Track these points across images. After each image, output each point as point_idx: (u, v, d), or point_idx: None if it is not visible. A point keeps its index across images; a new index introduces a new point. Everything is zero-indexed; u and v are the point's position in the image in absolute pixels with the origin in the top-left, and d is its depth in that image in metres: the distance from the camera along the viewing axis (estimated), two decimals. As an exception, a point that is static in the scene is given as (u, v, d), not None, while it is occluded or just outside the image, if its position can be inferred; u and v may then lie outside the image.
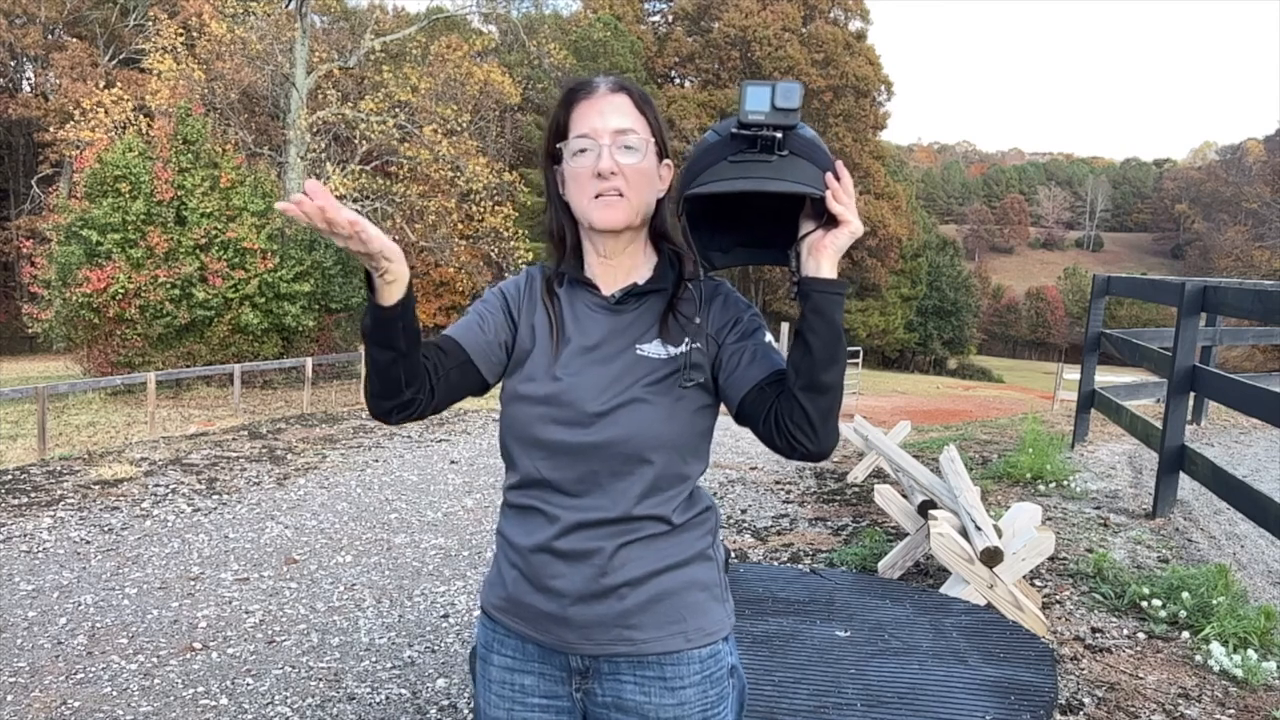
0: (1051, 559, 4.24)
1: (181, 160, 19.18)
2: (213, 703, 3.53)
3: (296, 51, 23.51)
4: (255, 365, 17.05)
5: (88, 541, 5.67)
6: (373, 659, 3.96)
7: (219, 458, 8.54)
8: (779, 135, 1.26)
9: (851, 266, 46.41)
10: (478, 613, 4.46)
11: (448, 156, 23.30)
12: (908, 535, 4.45)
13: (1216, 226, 76.63)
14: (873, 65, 46.25)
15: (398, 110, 23.69)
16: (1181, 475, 5.19)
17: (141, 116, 22.20)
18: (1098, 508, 5.36)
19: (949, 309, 53.97)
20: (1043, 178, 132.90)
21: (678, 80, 48.99)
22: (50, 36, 36.10)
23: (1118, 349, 7.01)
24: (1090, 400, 7.17)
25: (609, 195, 1.37)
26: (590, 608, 1.37)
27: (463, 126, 24.37)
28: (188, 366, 18.27)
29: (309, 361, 16.39)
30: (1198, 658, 3.31)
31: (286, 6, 25.31)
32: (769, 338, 1.42)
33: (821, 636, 2.56)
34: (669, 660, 1.39)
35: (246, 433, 10.25)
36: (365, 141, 23.64)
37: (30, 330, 21.66)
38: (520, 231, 25.45)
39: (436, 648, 4.08)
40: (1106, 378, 9.99)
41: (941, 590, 3.43)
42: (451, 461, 8.67)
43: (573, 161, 1.39)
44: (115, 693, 3.61)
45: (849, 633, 2.60)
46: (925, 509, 4.25)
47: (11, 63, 36.86)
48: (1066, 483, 5.79)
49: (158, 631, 4.24)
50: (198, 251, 18.96)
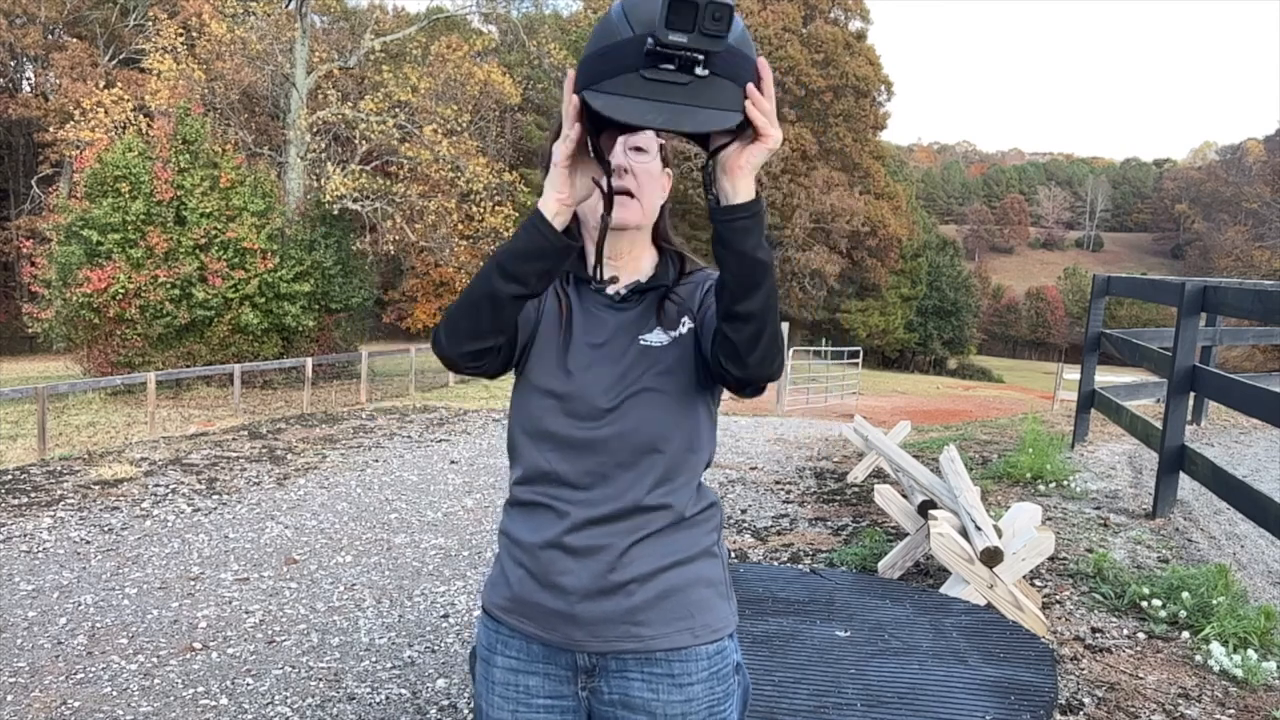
0: (1051, 559, 4.24)
1: (181, 160, 19.19)
2: (213, 703, 3.53)
3: (296, 51, 23.52)
4: (255, 365, 17.07)
5: (88, 541, 5.67)
6: (373, 659, 3.96)
7: (219, 458, 8.54)
8: (701, 56, 1.09)
9: (851, 266, 46.46)
10: (478, 613, 4.47)
11: (448, 156, 23.30)
12: (908, 535, 4.45)
13: (1216, 226, 76.64)
14: (873, 65, 46.24)
15: (398, 110, 23.69)
16: (1181, 475, 5.19)
17: (141, 116, 22.21)
18: (1098, 508, 5.36)
19: (949, 309, 53.95)
20: (1043, 178, 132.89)
21: (678, 80, 48.86)
22: (50, 36, 36.10)
23: (1118, 349, 7.01)
24: (1090, 400, 7.17)
25: (620, 195, 1.39)
26: (598, 604, 1.37)
27: (463, 126, 24.37)
28: (188, 366, 18.28)
29: (309, 361, 16.40)
30: (1198, 658, 3.31)
31: (286, 6, 25.31)
32: None
33: (821, 636, 2.56)
34: (677, 657, 1.39)
35: (246, 433, 10.25)
36: (365, 141, 23.64)
37: (30, 330, 21.67)
38: (521, 232, 25.40)
39: (436, 648, 4.09)
40: (1106, 378, 10.00)
41: (941, 590, 3.43)
42: (451, 461, 8.67)
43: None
44: (115, 693, 3.61)
45: (849, 633, 2.59)
46: (925, 509, 4.25)
47: (11, 63, 36.87)
48: (1066, 483, 5.79)
49: (158, 631, 4.24)
50: (197, 251, 18.97)
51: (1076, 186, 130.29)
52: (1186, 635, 3.50)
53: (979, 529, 3.55)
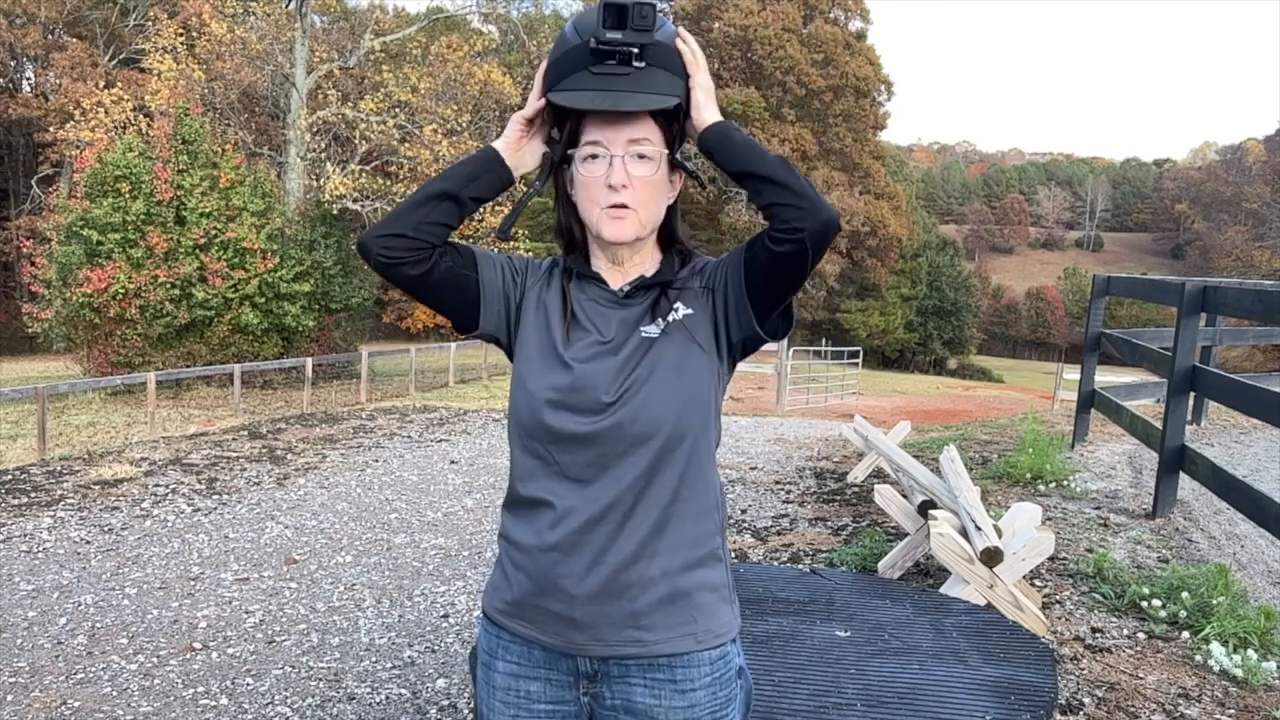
0: (1051, 559, 4.24)
1: (181, 160, 19.19)
2: (213, 703, 3.53)
3: (296, 51, 23.51)
4: (255, 365, 17.07)
5: (88, 541, 5.67)
6: (373, 659, 3.96)
7: (219, 458, 8.54)
8: (635, 50, 1.32)
9: (852, 266, 46.44)
10: (479, 614, 4.46)
11: (448, 156, 23.27)
12: (908, 535, 4.45)
13: (1216, 226, 76.63)
14: (873, 65, 46.21)
15: (398, 110, 23.69)
16: (1181, 475, 5.18)
17: (141, 116, 22.21)
18: (1098, 508, 5.35)
19: (949, 309, 53.95)
20: (1043, 178, 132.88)
21: (678, 80, 48.87)
22: (50, 36, 36.10)
23: (1118, 349, 7.01)
24: (1090, 400, 7.17)
25: (618, 208, 1.38)
26: (600, 608, 1.36)
27: (463, 126, 24.35)
28: (188, 366, 18.28)
29: (309, 361, 16.40)
30: (1198, 658, 3.31)
31: (286, 6, 25.31)
32: None
33: (821, 636, 2.56)
34: (679, 662, 1.38)
35: (246, 433, 10.25)
36: (365, 141, 23.63)
37: (30, 330, 21.67)
38: (520, 231, 25.43)
39: (436, 648, 4.08)
40: (1106, 378, 10.00)
41: (941, 590, 3.43)
42: (451, 461, 8.67)
43: (582, 167, 1.39)
44: (115, 693, 3.61)
45: (849, 633, 2.59)
46: (925, 509, 4.25)
47: (11, 63, 36.87)
48: (1066, 483, 5.79)
49: (158, 631, 4.24)
50: (197, 251, 18.97)
51: (1076, 186, 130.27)
52: (1186, 635, 3.50)
53: (979, 529, 3.55)
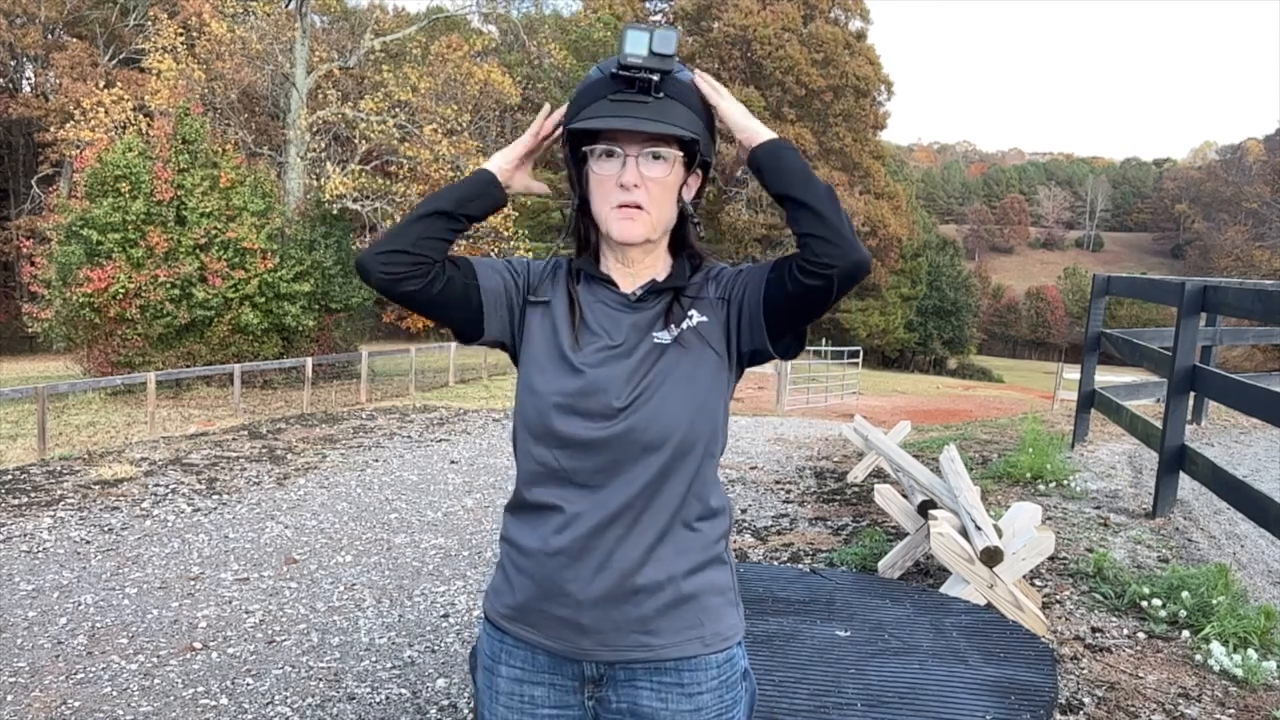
0: (1051, 559, 4.24)
1: (181, 160, 19.19)
2: (213, 703, 3.53)
3: (296, 51, 23.50)
4: (255, 365, 17.06)
5: (88, 541, 5.67)
6: (373, 659, 3.96)
7: (219, 458, 8.54)
8: (656, 78, 1.34)
9: (851, 266, 46.35)
10: (479, 614, 4.46)
11: (448, 156, 23.28)
12: (908, 535, 4.45)
13: (1216, 226, 76.62)
14: (873, 65, 46.20)
15: (398, 110, 23.67)
16: (1181, 475, 5.18)
17: (141, 116, 22.19)
18: (1098, 507, 5.35)
19: (949, 309, 53.94)
20: (1043, 177, 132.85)
21: (678, 80, 48.86)
22: (50, 36, 36.10)
23: (1118, 349, 7.01)
24: (1090, 400, 7.16)
25: (629, 208, 1.38)
26: (607, 613, 1.35)
27: (463, 126, 24.34)
28: (188, 366, 18.28)
29: (309, 361, 16.40)
30: (1198, 657, 3.31)
31: (286, 6, 25.30)
32: None
33: (822, 636, 2.56)
34: (686, 666, 1.38)
35: (246, 433, 10.25)
36: (365, 141, 23.62)
37: (30, 330, 21.66)
38: (520, 231, 25.43)
39: (436, 648, 4.08)
40: (1106, 378, 9.99)
41: (941, 590, 3.43)
42: (451, 461, 8.67)
43: (596, 165, 1.39)
44: (115, 693, 3.61)
45: (849, 633, 2.59)
46: (925, 509, 4.25)
47: (11, 63, 36.87)
48: (1066, 483, 5.79)
49: (158, 631, 4.24)
50: (198, 251, 18.97)
51: (1076, 186, 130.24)
52: (1186, 635, 3.50)
53: (979, 529, 3.54)
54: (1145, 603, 3.74)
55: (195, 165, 19.38)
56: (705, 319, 1.41)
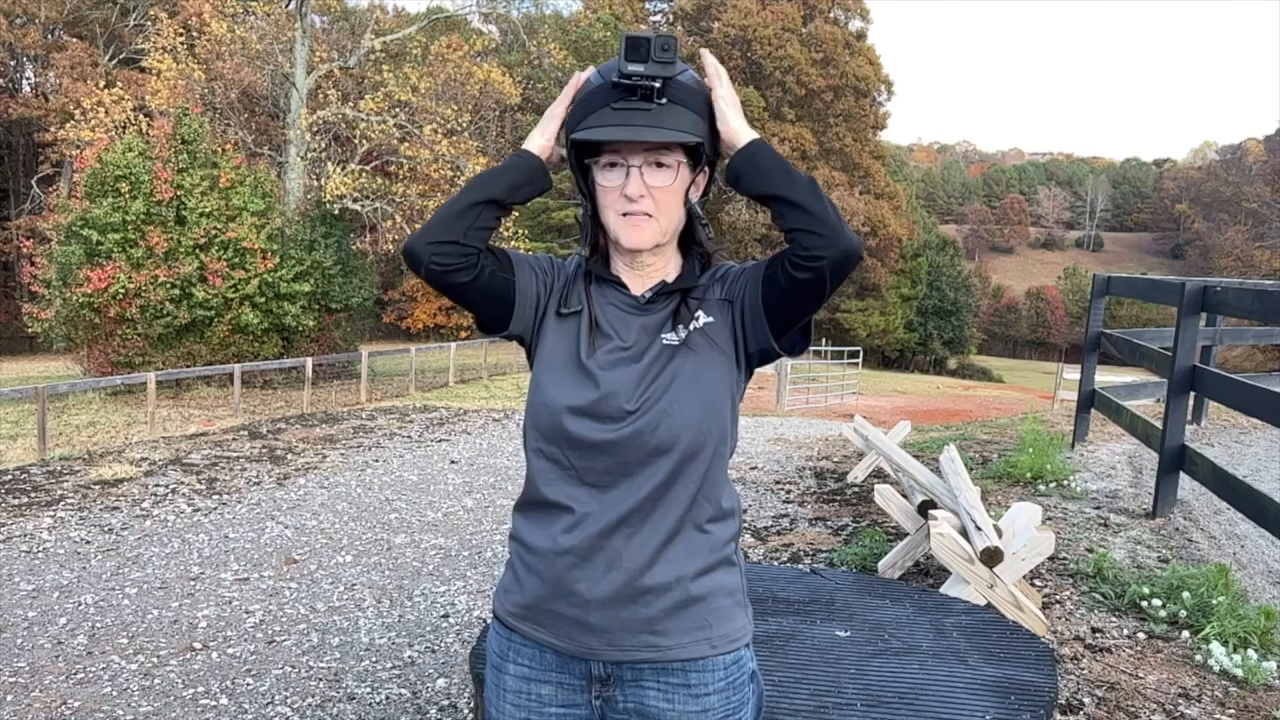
0: (1051, 559, 4.24)
1: (180, 160, 19.19)
2: (213, 703, 3.53)
3: (296, 51, 23.50)
4: (255, 365, 17.06)
5: (88, 541, 5.67)
6: (373, 659, 3.96)
7: (219, 458, 8.54)
8: (657, 85, 1.32)
9: (851, 266, 46.37)
10: (479, 614, 4.47)
11: (448, 156, 23.29)
12: (908, 535, 4.45)
13: (1216, 226, 76.60)
14: (873, 65, 46.24)
15: (398, 110, 23.67)
16: (1181, 475, 5.18)
17: (141, 116, 22.19)
18: (1098, 508, 5.35)
19: (949, 309, 53.95)
20: (1043, 178, 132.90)
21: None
22: (50, 36, 36.11)
23: (1118, 349, 7.00)
24: (1090, 400, 7.16)
25: (636, 216, 1.38)
26: (616, 613, 1.35)
27: (463, 126, 24.36)
28: (188, 366, 18.28)
29: (309, 361, 16.40)
30: (1198, 657, 3.31)
31: (286, 6, 25.30)
32: None
33: (821, 636, 2.56)
34: (694, 667, 1.38)
35: (246, 433, 10.25)
36: (365, 141, 23.62)
37: (30, 330, 21.66)
38: (520, 231, 25.45)
39: (436, 648, 4.08)
40: (1106, 378, 9.99)
41: (941, 590, 3.43)
42: (451, 461, 8.67)
43: (601, 176, 1.40)
44: (115, 693, 3.60)
45: (849, 633, 2.59)
46: (925, 509, 4.25)
47: (11, 63, 36.88)
48: (1066, 483, 5.79)
49: (158, 631, 4.24)
50: (197, 251, 18.98)
51: (1076, 186, 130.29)
52: (1186, 635, 3.50)
53: (979, 529, 3.54)
54: (1145, 603, 3.74)
55: (195, 165, 19.39)
56: (712, 320, 1.41)
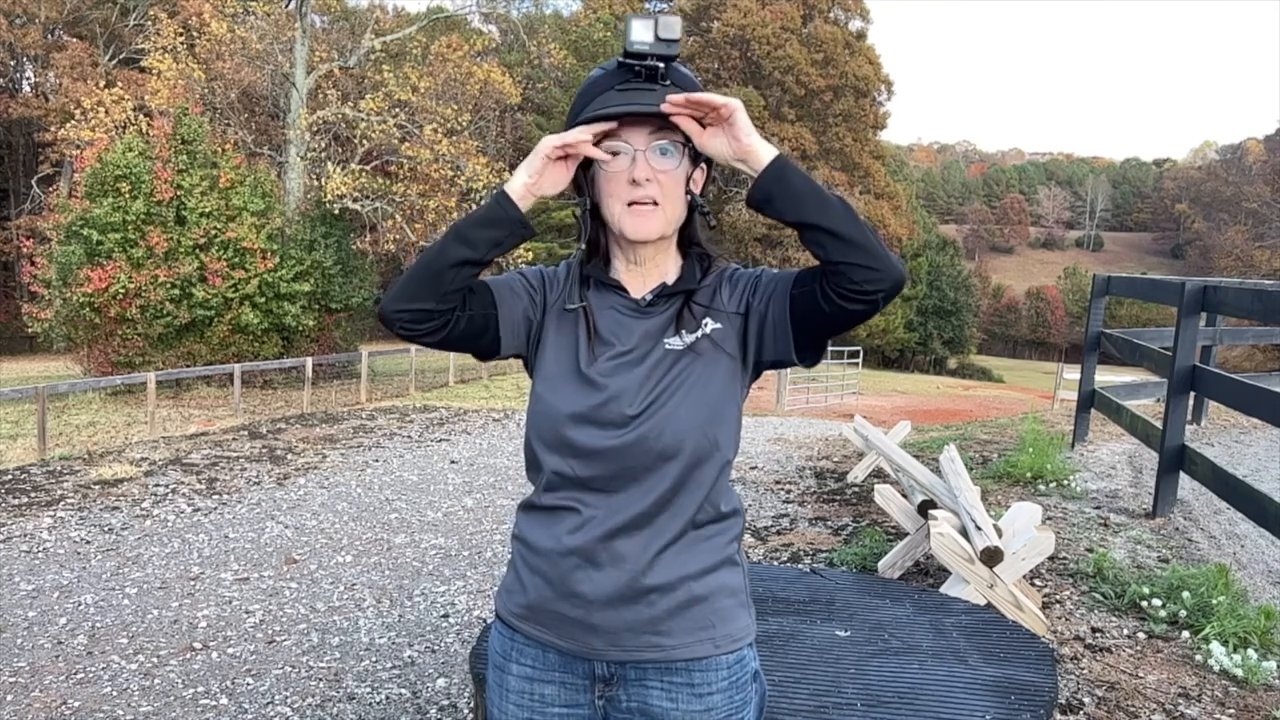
0: (1051, 559, 4.24)
1: (180, 160, 19.19)
2: (213, 702, 3.53)
3: (296, 51, 23.50)
4: (255, 365, 17.06)
5: (88, 541, 5.67)
6: (373, 659, 3.96)
7: (219, 458, 8.54)
8: (662, 65, 1.34)
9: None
10: (479, 614, 4.47)
11: (448, 156, 23.28)
12: (908, 535, 4.45)
13: (1216, 226, 76.62)
14: (873, 65, 46.21)
15: (398, 110, 23.66)
16: (1181, 475, 5.18)
17: (142, 116, 22.20)
18: (1098, 507, 5.35)
19: (949, 309, 53.94)
20: (1043, 177, 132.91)
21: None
22: (50, 36, 36.11)
23: (1118, 349, 7.00)
24: (1090, 400, 7.16)
25: (643, 204, 1.36)
26: (619, 613, 1.35)
27: (463, 126, 24.34)
28: (188, 366, 18.28)
29: (309, 361, 16.40)
30: (1198, 657, 3.31)
31: (286, 6, 25.29)
32: None
33: (821, 636, 2.56)
34: (697, 667, 1.38)
35: (246, 433, 10.25)
36: (365, 141, 23.61)
37: (30, 330, 21.66)
38: (520, 231, 25.37)
39: (436, 648, 4.08)
40: (1106, 377, 9.99)
41: (941, 590, 3.43)
42: (451, 461, 8.67)
43: (605, 165, 1.38)
44: (115, 693, 3.61)
45: (849, 633, 2.59)
46: (925, 509, 4.25)
47: (11, 63, 36.88)
48: (1066, 482, 5.79)
49: (158, 631, 4.24)
50: (197, 251, 18.98)
51: (1076, 186, 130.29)
52: (1186, 635, 3.50)
53: (979, 529, 3.54)
54: (1145, 603, 3.74)
55: (195, 165, 19.39)
56: (720, 326, 1.40)
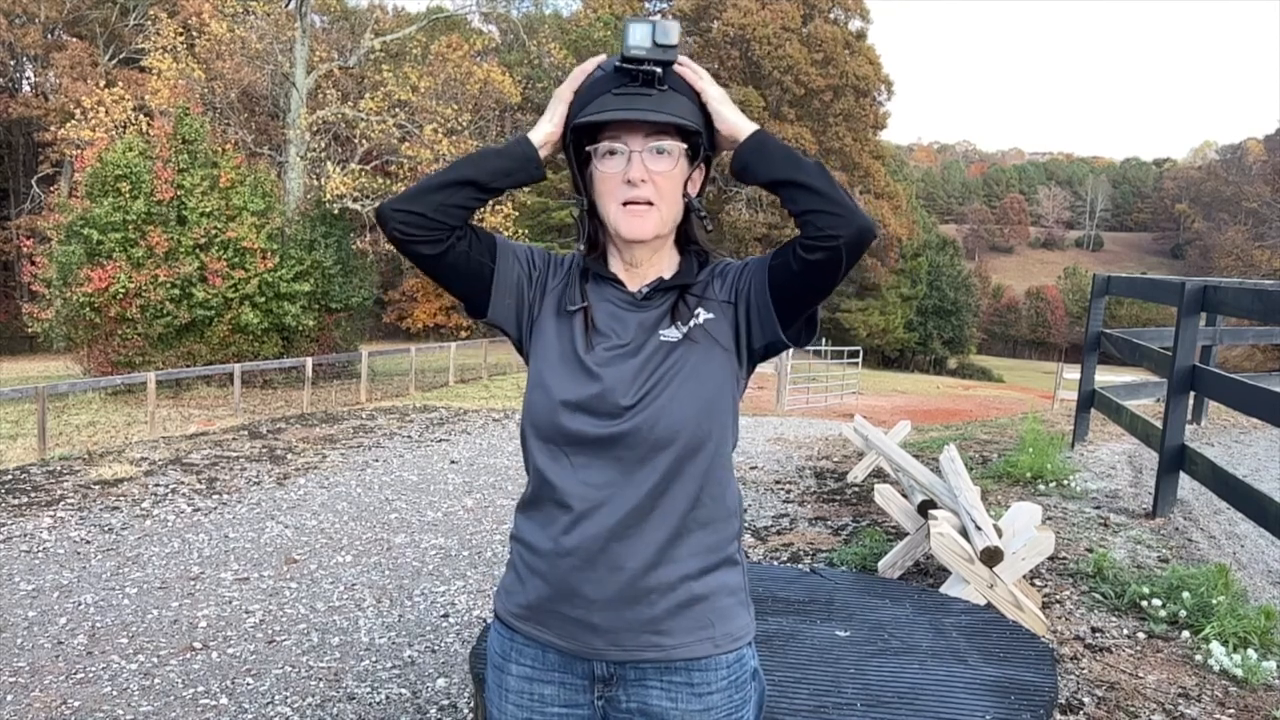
0: (1051, 559, 4.24)
1: (180, 160, 19.20)
2: (213, 702, 3.53)
3: (296, 51, 23.50)
4: (255, 365, 17.06)
5: (88, 541, 5.67)
6: (373, 659, 3.96)
7: (219, 458, 8.54)
8: (659, 70, 1.34)
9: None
10: (479, 614, 4.47)
11: (448, 156, 23.27)
12: (908, 535, 4.45)
13: (1216, 226, 76.59)
14: (873, 65, 46.22)
15: (398, 110, 23.67)
16: (1181, 475, 5.18)
17: (142, 116, 22.20)
18: (1098, 507, 5.35)
19: (949, 309, 53.96)
20: (1043, 177, 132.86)
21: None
22: (50, 36, 36.11)
23: (1118, 349, 7.00)
24: (1090, 400, 7.16)
25: (638, 204, 1.37)
26: (619, 613, 1.35)
27: (463, 126, 24.33)
28: (188, 366, 18.28)
29: (309, 361, 16.40)
30: (1198, 657, 3.31)
31: (286, 6, 25.29)
32: None
33: (821, 636, 2.56)
34: (697, 666, 1.38)
35: (246, 433, 10.25)
36: (365, 141, 23.62)
37: (30, 330, 21.66)
38: (520, 231, 25.44)
39: (436, 648, 4.09)
40: (1106, 377, 9.99)
41: (941, 590, 3.43)
42: (451, 461, 8.67)
43: (601, 164, 1.38)
44: (115, 692, 3.61)
45: (849, 633, 2.59)
46: (925, 509, 4.25)
47: (11, 62, 36.89)
48: (1066, 482, 5.79)
49: (158, 631, 4.24)
50: (198, 251, 18.98)
51: (1076, 186, 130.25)
52: (1186, 635, 3.50)
53: (979, 529, 3.54)
54: (1145, 603, 3.74)
55: (195, 165, 19.39)
56: (713, 316, 1.41)
